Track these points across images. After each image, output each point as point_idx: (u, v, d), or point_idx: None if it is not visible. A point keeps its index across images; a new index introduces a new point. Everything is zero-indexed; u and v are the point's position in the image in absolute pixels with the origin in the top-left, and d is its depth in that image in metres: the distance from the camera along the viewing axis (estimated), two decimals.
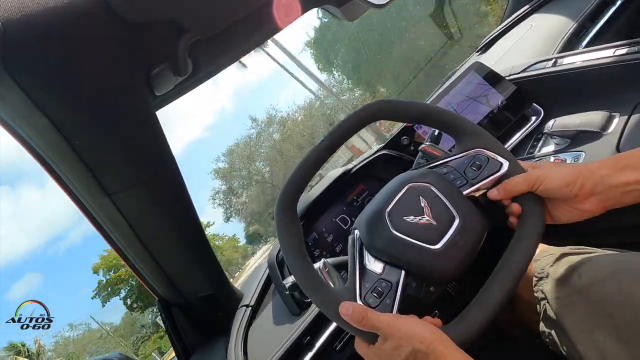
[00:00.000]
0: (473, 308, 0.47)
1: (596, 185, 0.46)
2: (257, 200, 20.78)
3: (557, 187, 0.48)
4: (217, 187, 20.90)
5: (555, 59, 0.87)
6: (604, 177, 0.46)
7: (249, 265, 19.81)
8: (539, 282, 0.59)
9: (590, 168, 0.47)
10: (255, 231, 25.49)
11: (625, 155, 0.46)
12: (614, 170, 0.45)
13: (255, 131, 19.61)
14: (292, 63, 16.13)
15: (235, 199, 21.13)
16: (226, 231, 35.38)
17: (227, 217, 21.63)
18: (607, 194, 0.46)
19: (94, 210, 0.65)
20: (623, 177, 0.44)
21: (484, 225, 0.52)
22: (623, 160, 0.46)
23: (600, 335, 0.48)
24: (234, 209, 21.39)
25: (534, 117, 0.88)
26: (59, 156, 0.55)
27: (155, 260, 0.77)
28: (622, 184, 0.45)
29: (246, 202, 21.16)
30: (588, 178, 0.46)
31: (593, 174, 0.46)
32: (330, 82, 17.59)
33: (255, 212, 21.55)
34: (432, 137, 0.75)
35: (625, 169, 0.45)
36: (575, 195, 0.47)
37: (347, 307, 0.48)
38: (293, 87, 35.48)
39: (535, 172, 0.50)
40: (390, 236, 0.51)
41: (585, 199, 0.47)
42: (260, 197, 20.60)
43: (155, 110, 0.61)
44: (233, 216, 21.67)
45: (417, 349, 0.43)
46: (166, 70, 0.57)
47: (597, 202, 0.47)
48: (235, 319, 0.90)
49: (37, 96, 0.45)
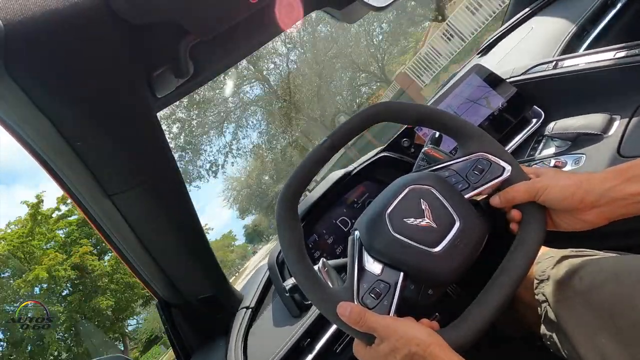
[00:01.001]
0: (472, 311, 0.47)
1: (599, 198, 0.45)
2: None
3: (558, 199, 0.48)
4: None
5: (556, 62, 0.87)
6: (608, 190, 0.45)
7: (248, 268, 19.31)
8: (540, 284, 0.59)
9: (592, 181, 0.46)
10: (255, 228, 24.66)
11: (629, 167, 0.45)
12: (618, 182, 0.45)
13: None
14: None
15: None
16: (221, 227, 34.13)
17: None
18: (610, 206, 0.45)
19: (95, 212, 0.65)
20: (628, 189, 0.44)
21: (484, 229, 0.52)
22: (627, 171, 0.45)
23: (602, 338, 0.48)
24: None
25: (534, 119, 0.88)
26: (60, 157, 0.55)
27: (156, 261, 0.77)
28: (628, 196, 0.44)
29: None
30: (589, 192, 0.46)
31: (595, 187, 0.46)
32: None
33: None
34: (433, 140, 0.75)
35: (631, 180, 0.44)
36: (576, 208, 0.47)
37: (344, 307, 0.48)
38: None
39: (536, 183, 0.49)
40: (390, 238, 0.51)
41: (586, 211, 0.47)
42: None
43: (157, 112, 0.61)
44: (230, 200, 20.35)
45: (414, 352, 0.43)
46: (167, 72, 0.57)
47: (598, 214, 0.46)
48: (235, 320, 0.90)
49: (38, 97, 0.45)
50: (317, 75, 15.37)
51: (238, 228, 30.91)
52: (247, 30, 0.66)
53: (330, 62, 15.59)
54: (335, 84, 16.73)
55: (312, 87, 15.65)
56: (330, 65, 15.65)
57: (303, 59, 15.76)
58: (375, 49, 15.42)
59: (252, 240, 27.59)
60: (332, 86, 16.69)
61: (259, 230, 25.16)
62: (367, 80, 16.84)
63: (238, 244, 27.66)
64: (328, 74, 15.79)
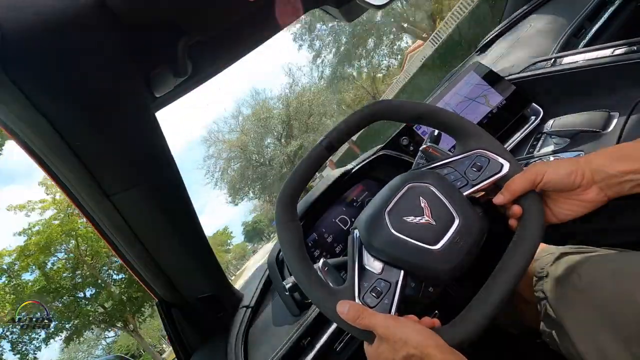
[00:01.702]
0: (471, 309, 0.47)
1: (595, 173, 0.47)
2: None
3: (560, 178, 0.48)
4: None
5: (554, 59, 0.87)
6: (601, 165, 0.47)
7: (245, 270, 18.73)
8: (539, 281, 0.59)
9: (588, 159, 0.49)
10: (255, 225, 23.78)
11: (621, 147, 0.48)
12: (610, 159, 0.47)
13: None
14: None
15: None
16: (217, 223, 32.71)
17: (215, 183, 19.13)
18: (607, 182, 0.47)
19: (94, 212, 0.65)
20: (620, 166, 0.46)
21: (483, 226, 0.52)
22: (618, 150, 0.48)
23: (601, 335, 0.48)
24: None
25: (533, 117, 0.88)
26: (58, 157, 0.55)
27: (155, 261, 0.77)
28: (620, 173, 0.46)
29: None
30: (587, 166, 0.48)
31: (591, 163, 0.48)
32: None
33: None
34: (432, 138, 0.75)
35: (621, 158, 0.46)
36: (578, 185, 0.48)
37: (343, 305, 0.48)
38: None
39: (534, 169, 0.50)
40: (390, 236, 0.51)
41: (587, 188, 0.48)
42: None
43: (155, 112, 0.61)
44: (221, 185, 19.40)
45: (412, 354, 0.43)
46: (166, 72, 0.57)
47: (598, 191, 0.47)
48: (235, 319, 0.90)
49: (36, 98, 0.45)
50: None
51: (236, 226, 29.91)
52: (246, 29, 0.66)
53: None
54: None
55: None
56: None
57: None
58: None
59: (251, 239, 26.74)
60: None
61: (259, 228, 24.34)
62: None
63: (236, 243, 26.59)
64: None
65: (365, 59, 17.67)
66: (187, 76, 0.60)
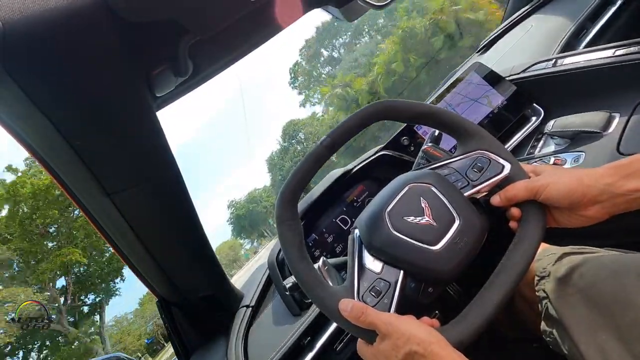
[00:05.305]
0: (471, 309, 0.47)
1: (600, 194, 0.46)
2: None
3: (559, 197, 0.48)
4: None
5: (555, 60, 0.87)
6: (608, 185, 0.45)
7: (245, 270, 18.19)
8: (541, 281, 0.59)
9: (593, 177, 0.47)
10: (244, 213, 21.32)
11: (630, 162, 0.46)
12: (619, 177, 0.45)
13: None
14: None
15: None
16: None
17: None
18: (611, 201, 0.46)
19: (94, 210, 0.65)
20: (629, 184, 0.44)
21: (484, 227, 0.52)
22: (628, 167, 0.45)
23: (602, 335, 0.48)
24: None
25: (534, 117, 0.88)
26: (59, 156, 0.55)
27: (155, 260, 0.77)
28: (628, 192, 0.44)
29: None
30: (590, 187, 0.46)
31: (596, 183, 0.46)
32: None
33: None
34: (433, 138, 0.75)
35: (632, 176, 0.44)
36: (577, 204, 0.47)
37: (346, 303, 0.48)
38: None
39: (537, 182, 0.49)
40: (390, 236, 0.51)
41: (587, 207, 0.47)
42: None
43: (156, 111, 0.61)
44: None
45: (414, 351, 0.43)
46: (167, 71, 0.57)
47: (600, 209, 0.47)
48: (236, 319, 0.90)
49: (37, 96, 0.45)
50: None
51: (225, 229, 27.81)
52: (247, 28, 0.66)
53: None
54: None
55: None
56: None
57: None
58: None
59: (240, 233, 24.21)
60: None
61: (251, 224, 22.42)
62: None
63: (229, 240, 24.88)
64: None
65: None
66: (188, 75, 0.60)
